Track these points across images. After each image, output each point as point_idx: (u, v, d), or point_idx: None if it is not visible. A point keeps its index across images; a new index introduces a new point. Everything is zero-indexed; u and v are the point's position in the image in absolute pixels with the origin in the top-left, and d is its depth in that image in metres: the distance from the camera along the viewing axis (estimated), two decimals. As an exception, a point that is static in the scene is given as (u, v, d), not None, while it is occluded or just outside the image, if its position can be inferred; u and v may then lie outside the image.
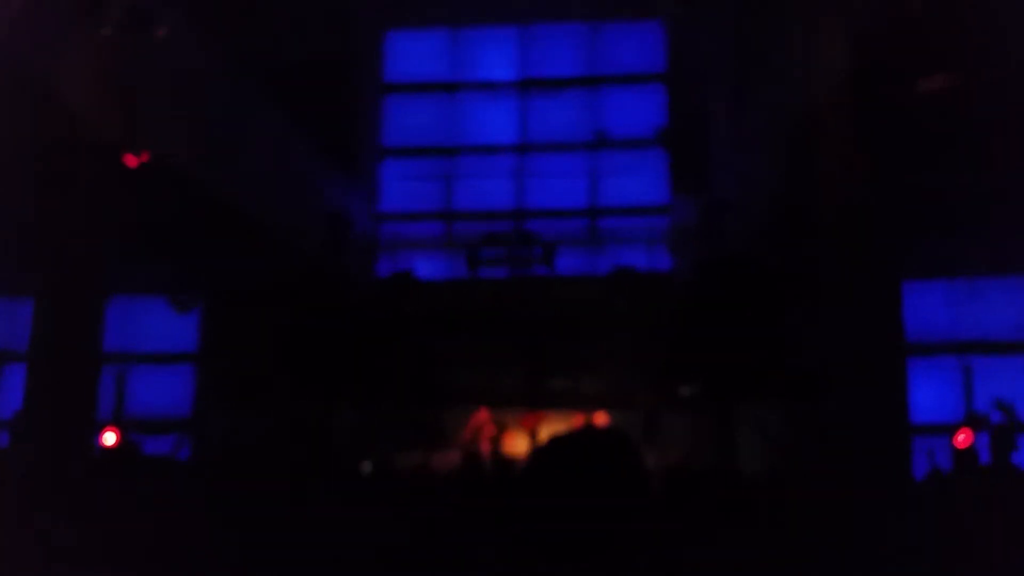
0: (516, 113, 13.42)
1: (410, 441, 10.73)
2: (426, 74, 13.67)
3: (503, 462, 8.48)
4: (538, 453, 1.91)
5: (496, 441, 10.61)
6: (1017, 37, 5.84)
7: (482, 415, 10.91)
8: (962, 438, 8.38)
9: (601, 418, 10.67)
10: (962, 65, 6.63)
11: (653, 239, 11.80)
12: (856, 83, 6.86)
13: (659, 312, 10.78)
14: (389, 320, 11.24)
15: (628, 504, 1.71)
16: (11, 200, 7.64)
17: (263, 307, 10.77)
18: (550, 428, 10.89)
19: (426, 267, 12.09)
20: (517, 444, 10.53)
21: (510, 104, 13.47)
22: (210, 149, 8.50)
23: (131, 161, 7.55)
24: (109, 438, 8.23)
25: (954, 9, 6.13)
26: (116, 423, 8.82)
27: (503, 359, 11.61)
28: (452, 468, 8.55)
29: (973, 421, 10.86)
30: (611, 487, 1.74)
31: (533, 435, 10.67)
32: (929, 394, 11.32)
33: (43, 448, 6.82)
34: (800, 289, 8.65)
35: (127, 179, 7.58)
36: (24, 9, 6.24)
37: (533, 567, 1.66)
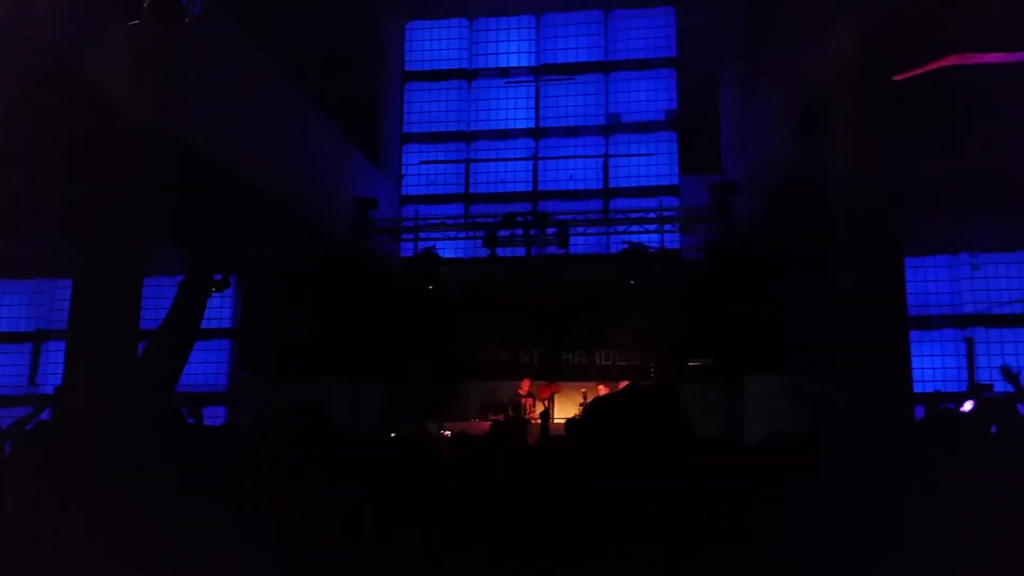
0: (532, 99, 13.68)
1: (432, 412, 11.05)
2: (445, 62, 13.99)
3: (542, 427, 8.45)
4: (592, 407, 2.01)
5: (530, 409, 10.80)
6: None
7: (525, 385, 11.07)
8: (966, 408, 8.45)
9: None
10: (974, 46, 6.58)
11: (664, 219, 11.93)
12: (865, 66, 6.83)
13: (669, 289, 10.95)
14: (413, 298, 11.50)
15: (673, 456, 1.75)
16: (53, 185, 7.79)
17: (295, 286, 11.03)
18: (565, 399, 11.24)
19: (447, 248, 12.41)
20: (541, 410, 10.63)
21: (526, 90, 13.71)
22: (243, 135, 8.64)
23: None
24: None
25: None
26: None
27: (519, 334, 11.89)
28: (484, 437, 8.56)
29: (976, 391, 10.85)
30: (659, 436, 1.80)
31: (548, 405, 10.92)
32: (932, 366, 11.52)
33: (86, 422, 6.73)
34: (805, 266, 8.73)
35: (164, 164, 7.53)
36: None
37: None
